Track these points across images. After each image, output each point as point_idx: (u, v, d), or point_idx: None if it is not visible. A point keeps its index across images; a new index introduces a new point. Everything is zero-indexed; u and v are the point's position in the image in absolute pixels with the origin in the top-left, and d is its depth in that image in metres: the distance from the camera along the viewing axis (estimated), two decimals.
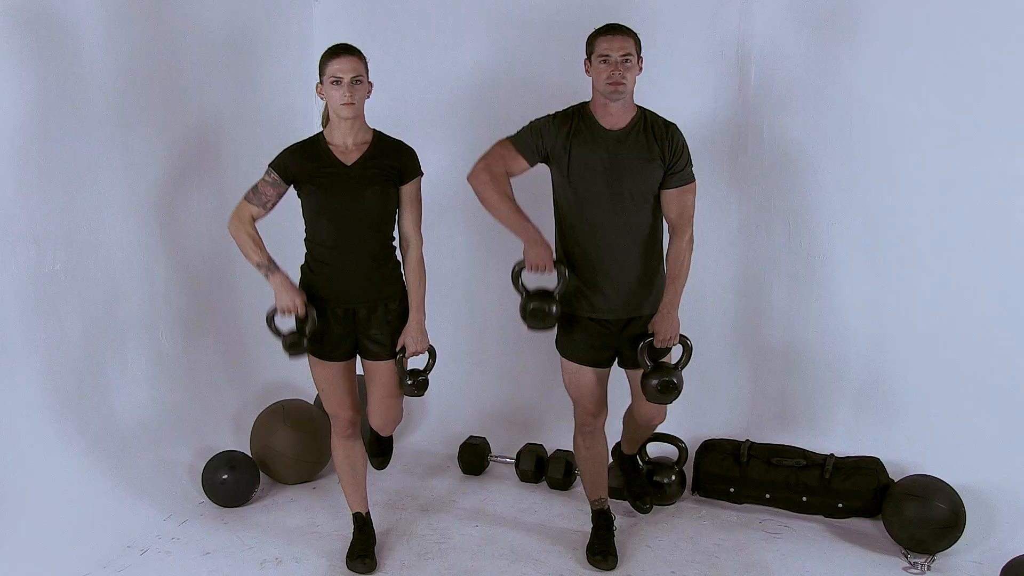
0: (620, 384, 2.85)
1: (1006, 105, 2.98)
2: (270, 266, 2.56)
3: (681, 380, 2.65)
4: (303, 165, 2.55)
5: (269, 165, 2.58)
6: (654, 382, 2.63)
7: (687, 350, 2.72)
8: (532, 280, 2.65)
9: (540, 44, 3.67)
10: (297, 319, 2.58)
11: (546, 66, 3.65)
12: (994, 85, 2.98)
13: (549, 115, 2.65)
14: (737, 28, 3.34)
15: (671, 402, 2.67)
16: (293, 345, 2.57)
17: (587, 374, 2.73)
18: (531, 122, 2.65)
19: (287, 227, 2.88)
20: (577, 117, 2.61)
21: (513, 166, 2.65)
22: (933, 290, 3.16)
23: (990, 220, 3.05)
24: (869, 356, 3.29)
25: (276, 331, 2.63)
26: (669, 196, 2.62)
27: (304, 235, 2.64)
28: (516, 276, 2.66)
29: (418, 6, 3.88)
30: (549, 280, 2.64)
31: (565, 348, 2.75)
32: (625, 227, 2.60)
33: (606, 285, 2.63)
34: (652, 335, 2.64)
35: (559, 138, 2.59)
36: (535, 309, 2.60)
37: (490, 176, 2.61)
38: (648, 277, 2.67)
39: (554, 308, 2.60)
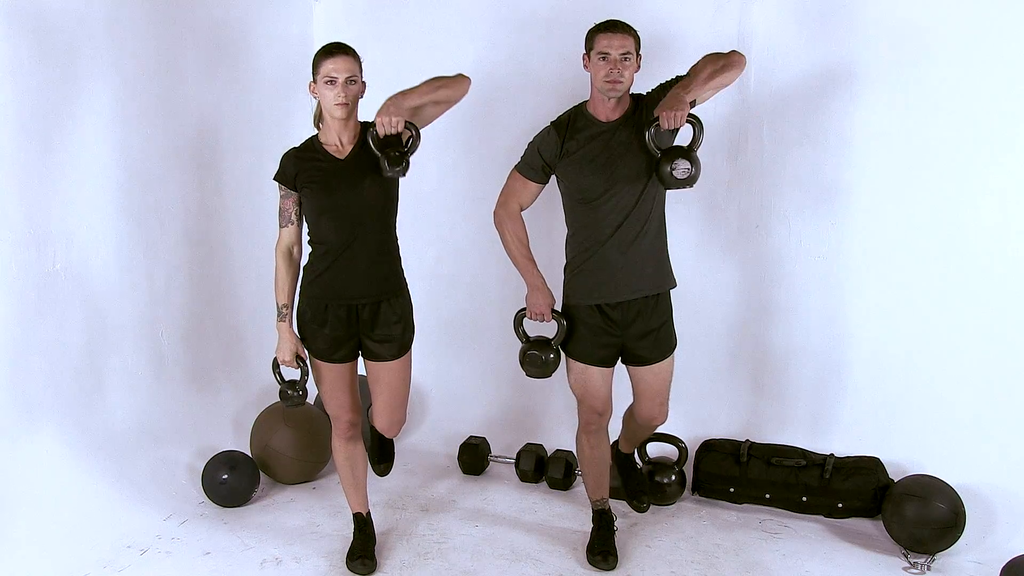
0: (621, 384, 2.84)
1: (1007, 103, 2.97)
2: (282, 312, 2.63)
3: (698, 163, 2.45)
4: (300, 166, 2.55)
5: (274, 180, 2.60)
6: (667, 168, 2.45)
7: (698, 128, 2.49)
8: (533, 330, 2.84)
9: (540, 44, 3.67)
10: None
11: (546, 65, 3.65)
12: (995, 84, 2.98)
13: (546, 127, 2.70)
14: (737, 28, 3.34)
15: (690, 186, 2.49)
16: (284, 397, 2.70)
17: (594, 374, 2.73)
18: (530, 142, 2.73)
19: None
20: (573, 119, 2.67)
21: (525, 196, 2.77)
22: (933, 290, 3.15)
23: (990, 220, 3.05)
24: (869, 356, 3.29)
25: (279, 379, 2.72)
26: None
27: (308, 238, 2.64)
28: (518, 323, 2.82)
29: (418, 6, 3.88)
30: (550, 330, 2.77)
31: (572, 349, 2.76)
32: (626, 213, 2.60)
33: (611, 270, 2.65)
34: (658, 119, 2.45)
35: (557, 146, 2.65)
36: (532, 356, 2.76)
37: (506, 214, 2.77)
38: (654, 262, 2.68)
39: (551, 356, 2.75)
